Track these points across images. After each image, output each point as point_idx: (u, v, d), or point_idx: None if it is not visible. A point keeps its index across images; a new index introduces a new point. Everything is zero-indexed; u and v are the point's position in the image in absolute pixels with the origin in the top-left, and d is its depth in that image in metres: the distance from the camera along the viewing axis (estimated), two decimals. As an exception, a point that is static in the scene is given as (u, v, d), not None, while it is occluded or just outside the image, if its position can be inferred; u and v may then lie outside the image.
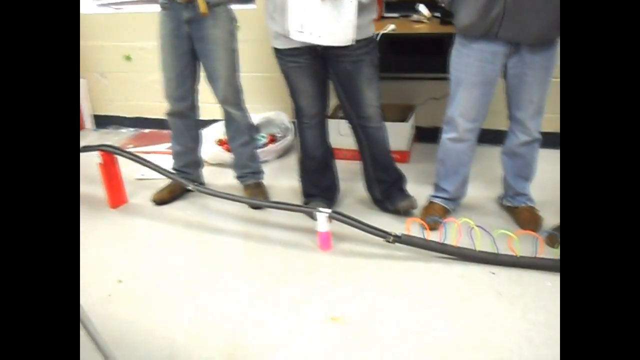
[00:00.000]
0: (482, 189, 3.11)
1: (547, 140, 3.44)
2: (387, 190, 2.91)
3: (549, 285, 2.33)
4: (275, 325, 2.21)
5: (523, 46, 2.38)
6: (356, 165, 2.99)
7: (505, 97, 2.60)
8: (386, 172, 2.87)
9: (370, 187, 2.96)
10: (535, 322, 2.13)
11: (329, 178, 2.99)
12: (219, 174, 3.53)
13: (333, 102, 2.97)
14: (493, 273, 2.43)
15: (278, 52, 2.58)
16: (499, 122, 2.67)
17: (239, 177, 3.22)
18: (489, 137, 3.13)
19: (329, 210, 2.62)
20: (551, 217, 2.75)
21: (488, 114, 2.60)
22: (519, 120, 2.59)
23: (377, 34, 2.94)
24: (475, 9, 2.32)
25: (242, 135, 3.08)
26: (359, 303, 2.30)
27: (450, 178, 2.79)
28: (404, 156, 3.52)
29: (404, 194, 2.92)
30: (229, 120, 3.07)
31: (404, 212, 2.85)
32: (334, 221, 2.63)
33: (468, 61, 2.47)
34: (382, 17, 3.49)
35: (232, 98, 2.97)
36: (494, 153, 2.84)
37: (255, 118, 3.70)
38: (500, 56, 2.42)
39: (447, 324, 2.15)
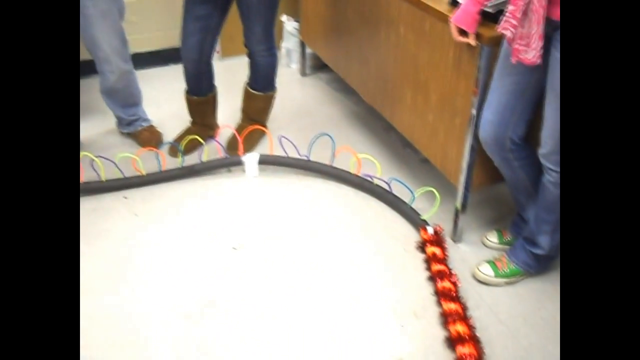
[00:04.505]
0: (99, 124, 3.01)
1: (144, 60, 3.52)
2: None
3: (179, 194, 2.46)
4: None
5: None
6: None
7: None
8: None
9: None
10: (186, 226, 2.26)
11: None
12: None
13: None
14: (126, 197, 2.44)
15: None
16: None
17: None
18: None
19: None
20: (170, 131, 2.85)
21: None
22: (101, 59, 2.52)
23: None
24: None
25: None
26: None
27: None
28: None
29: None
30: None
31: None
32: None
33: None
34: None
35: None
36: (93, 85, 2.77)
37: None
38: None
39: (96, 258, 2.12)
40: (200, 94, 2.65)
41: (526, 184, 1.93)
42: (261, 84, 2.66)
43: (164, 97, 3.21)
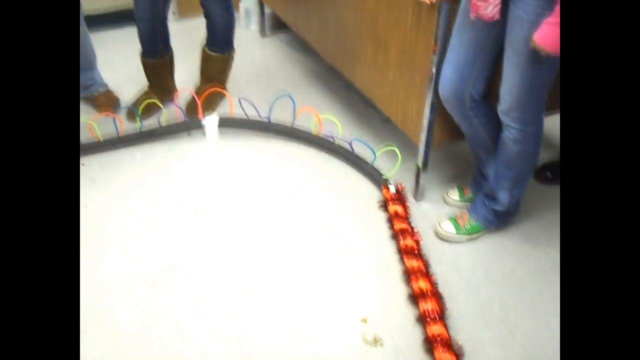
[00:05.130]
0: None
1: (97, 22, 3.41)
2: None
3: (138, 159, 2.42)
4: None
5: None
6: None
7: None
8: None
9: None
10: (146, 192, 2.22)
11: None
12: None
13: None
14: (83, 164, 2.39)
15: None
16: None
17: None
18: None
19: None
20: (127, 95, 2.78)
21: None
22: None
23: None
24: None
25: None
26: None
27: None
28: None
29: None
30: None
31: None
32: None
33: None
34: None
35: None
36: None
37: None
38: None
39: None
40: (156, 56, 2.57)
41: (486, 141, 1.94)
42: (219, 44, 2.60)
43: (119, 60, 3.11)
